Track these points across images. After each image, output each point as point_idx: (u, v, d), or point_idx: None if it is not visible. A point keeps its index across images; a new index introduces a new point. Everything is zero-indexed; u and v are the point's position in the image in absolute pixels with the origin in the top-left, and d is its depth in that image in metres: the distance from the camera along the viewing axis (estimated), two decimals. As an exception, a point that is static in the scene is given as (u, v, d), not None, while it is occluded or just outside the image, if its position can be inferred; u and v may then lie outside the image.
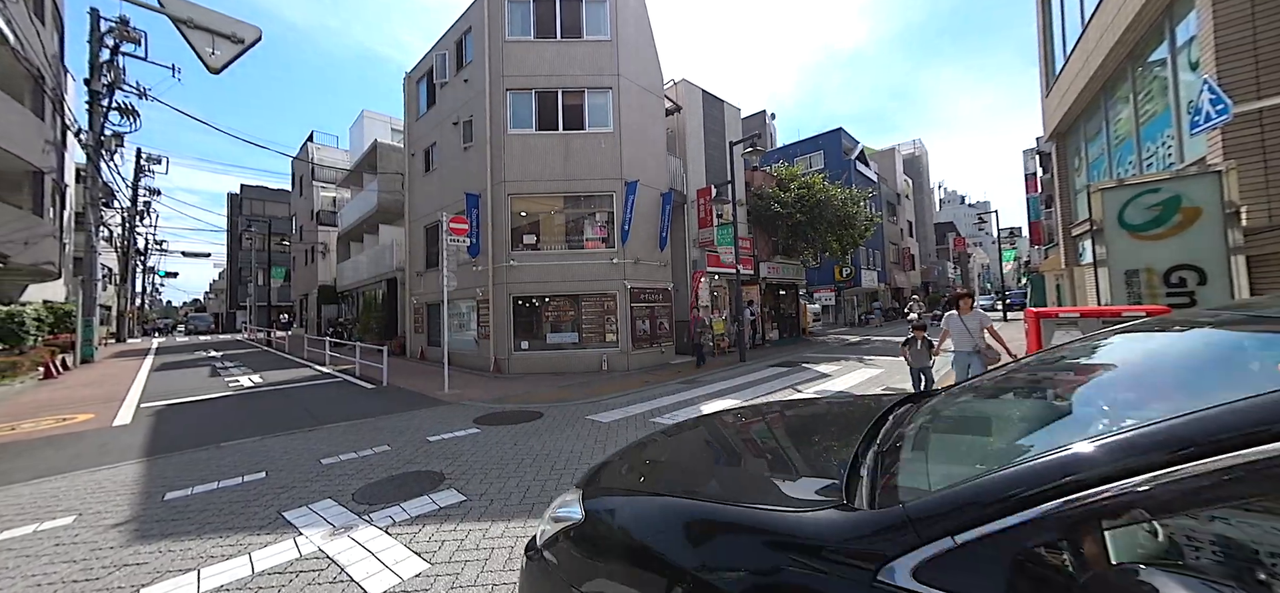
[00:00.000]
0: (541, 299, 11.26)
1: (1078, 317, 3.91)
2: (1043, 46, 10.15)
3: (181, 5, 5.80)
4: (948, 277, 50.68)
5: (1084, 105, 8.52)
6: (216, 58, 6.09)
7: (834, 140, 30.72)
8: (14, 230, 11.94)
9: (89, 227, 16.39)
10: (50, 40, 13.89)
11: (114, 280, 27.96)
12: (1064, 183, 10.27)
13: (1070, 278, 10.20)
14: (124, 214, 24.79)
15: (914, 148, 49.43)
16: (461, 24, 13.11)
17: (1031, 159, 32.73)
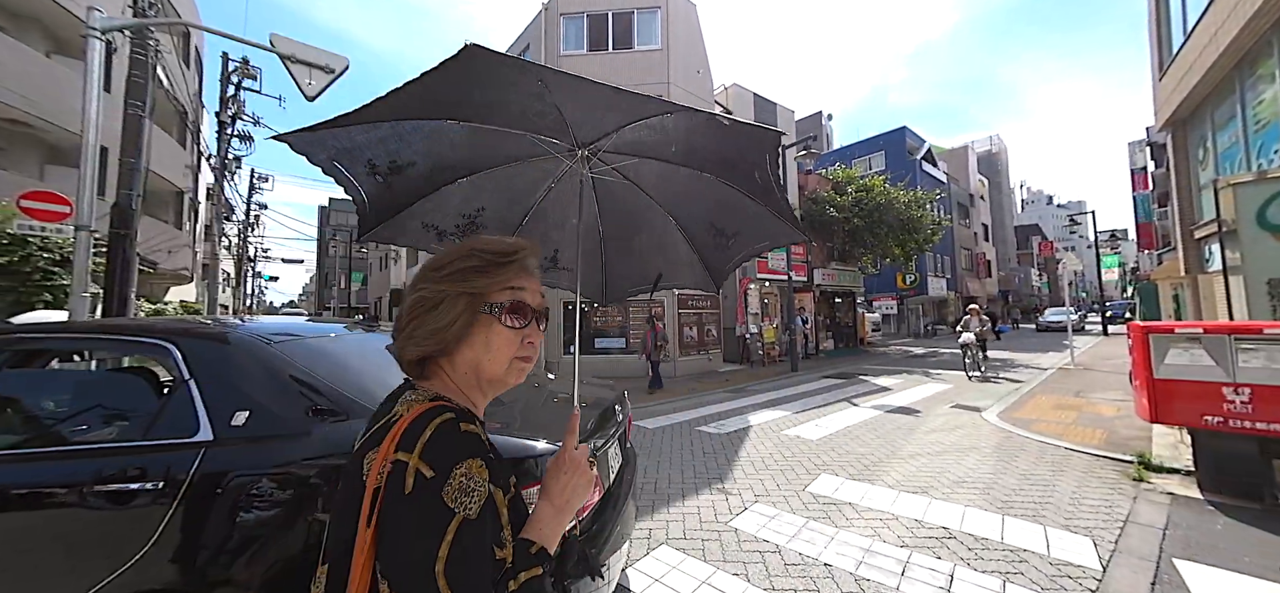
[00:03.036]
0: (590, 304, 11.53)
1: (1200, 332, 3.34)
2: (1155, 22, 8.87)
3: (286, 43, 6.65)
4: (1031, 284, 45.50)
5: (1211, 87, 7.32)
6: (312, 87, 6.90)
7: (897, 139, 28.77)
8: (161, 242, 14.21)
9: (215, 238, 19.15)
10: (192, 81, 16.45)
11: (231, 283, 32.40)
12: (1183, 178, 8.87)
13: (1192, 287, 8.76)
14: (240, 226, 28.66)
15: (991, 144, 45.10)
16: (520, 42, 13.86)
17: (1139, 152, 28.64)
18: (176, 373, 1.46)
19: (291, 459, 1.33)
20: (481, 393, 0.68)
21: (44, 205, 6.25)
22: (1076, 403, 6.70)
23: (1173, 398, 3.38)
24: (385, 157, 1.11)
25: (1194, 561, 2.53)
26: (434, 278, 0.65)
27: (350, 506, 0.55)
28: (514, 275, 0.68)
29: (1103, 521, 3.04)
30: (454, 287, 0.64)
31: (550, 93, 1.01)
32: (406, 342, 0.65)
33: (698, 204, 1.35)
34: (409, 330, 0.65)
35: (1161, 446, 4.40)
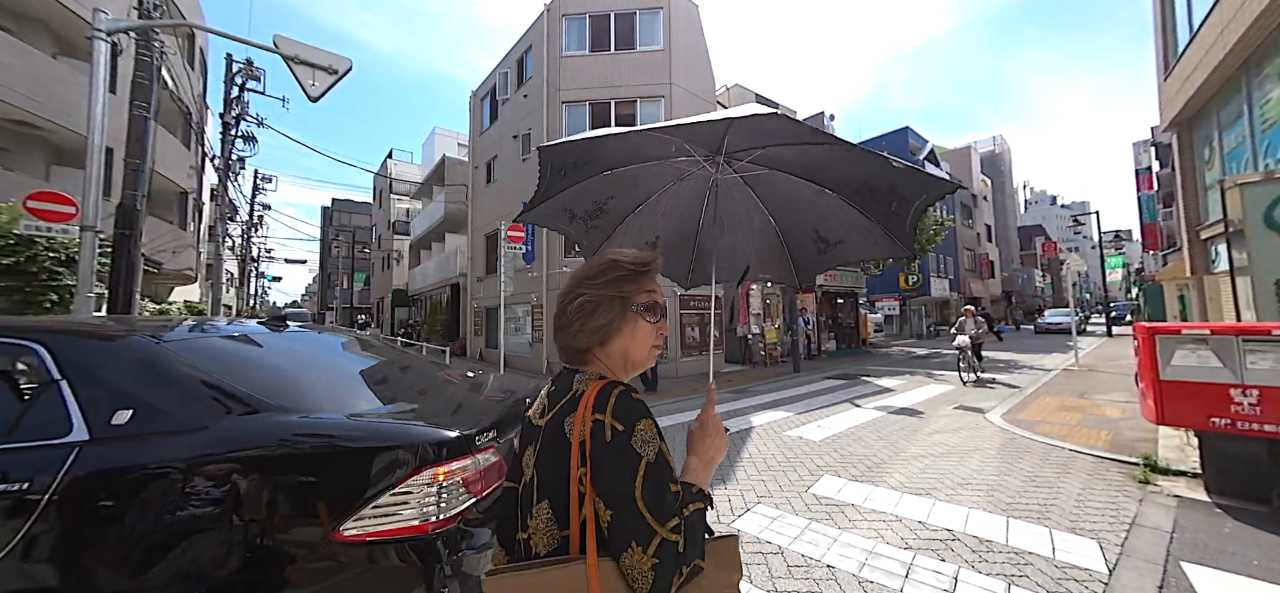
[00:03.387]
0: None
1: (1207, 334, 3.31)
2: (1160, 22, 8.83)
3: (289, 44, 6.67)
4: (1035, 285, 45.30)
5: (1217, 86, 7.28)
6: (315, 88, 6.92)
7: (899, 140, 28.69)
8: (165, 242, 14.29)
9: (219, 238, 19.24)
10: (196, 82, 16.55)
11: (234, 284, 32.54)
12: (1188, 178, 8.82)
13: (1198, 288, 8.70)
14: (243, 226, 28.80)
15: (994, 145, 44.94)
16: (523, 43, 13.88)
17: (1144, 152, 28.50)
18: (44, 374, 1.45)
19: (184, 455, 1.34)
20: (627, 373, 0.86)
21: (49, 206, 6.29)
22: (1081, 404, 6.67)
23: (1179, 400, 3.36)
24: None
25: (1202, 564, 2.50)
26: (591, 286, 0.82)
27: (559, 455, 0.74)
28: (650, 281, 0.87)
29: (1109, 523, 3.02)
30: (609, 292, 0.82)
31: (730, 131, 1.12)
32: (574, 336, 0.83)
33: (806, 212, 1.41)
34: (577, 328, 0.82)
35: (1167, 448, 4.37)
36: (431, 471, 1.47)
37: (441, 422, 1.67)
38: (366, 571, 1.39)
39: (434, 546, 1.45)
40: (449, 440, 1.55)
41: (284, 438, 1.44)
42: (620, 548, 0.67)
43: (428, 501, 1.46)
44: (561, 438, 0.74)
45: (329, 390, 1.80)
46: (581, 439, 0.72)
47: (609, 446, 0.70)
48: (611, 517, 0.68)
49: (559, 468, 0.73)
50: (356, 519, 1.37)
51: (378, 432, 1.55)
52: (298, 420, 1.49)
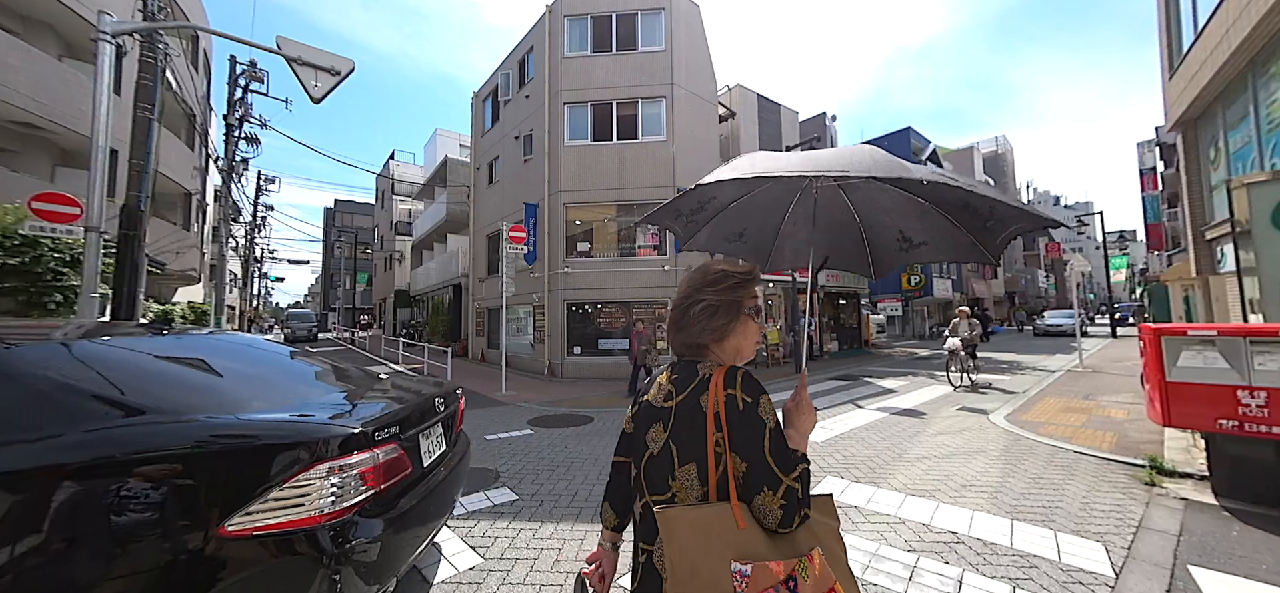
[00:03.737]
0: (594, 306, 11.52)
1: (1214, 335, 3.28)
2: (1165, 21, 8.78)
3: (292, 45, 6.69)
4: (1038, 286, 45.11)
5: (1223, 86, 7.22)
6: (317, 89, 6.94)
7: (902, 140, 28.62)
8: (169, 243, 14.35)
9: (222, 239, 19.33)
10: (200, 84, 16.64)
11: (237, 284, 32.67)
12: (1194, 178, 8.76)
13: (1204, 289, 8.64)
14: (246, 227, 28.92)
15: (996, 145, 44.78)
16: (524, 44, 13.90)
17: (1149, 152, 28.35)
18: None
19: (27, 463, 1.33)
20: (737, 363, 1.00)
21: (54, 207, 6.31)
22: (1086, 406, 6.62)
23: (1186, 401, 3.33)
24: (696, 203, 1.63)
25: (1210, 568, 2.48)
26: (711, 293, 1.00)
27: (697, 426, 0.91)
28: (754, 287, 1.03)
29: (1115, 526, 2.99)
30: (726, 298, 1.00)
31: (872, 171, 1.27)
32: (697, 334, 1.00)
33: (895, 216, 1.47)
34: (699, 328, 1.00)
35: (1174, 450, 4.33)
36: (327, 465, 1.53)
37: (343, 419, 1.74)
38: (257, 563, 1.42)
39: (327, 535, 1.49)
40: (345, 436, 1.61)
41: (165, 440, 1.45)
42: (754, 492, 0.86)
43: (323, 494, 1.51)
44: (698, 413, 0.92)
45: (234, 392, 1.83)
46: (716, 411, 0.90)
47: (741, 414, 0.89)
48: (746, 468, 0.87)
49: (697, 437, 0.91)
50: (245, 514, 1.40)
51: (266, 429, 1.58)
52: (180, 423, 1.50)
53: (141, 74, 7.04)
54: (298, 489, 1.48)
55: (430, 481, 2.11)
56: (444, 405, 2.40)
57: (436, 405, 2.31)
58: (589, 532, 3.06)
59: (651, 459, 0.96)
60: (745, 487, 0.87)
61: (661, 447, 0.95)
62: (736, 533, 0.84)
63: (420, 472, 2.05)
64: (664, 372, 1.05)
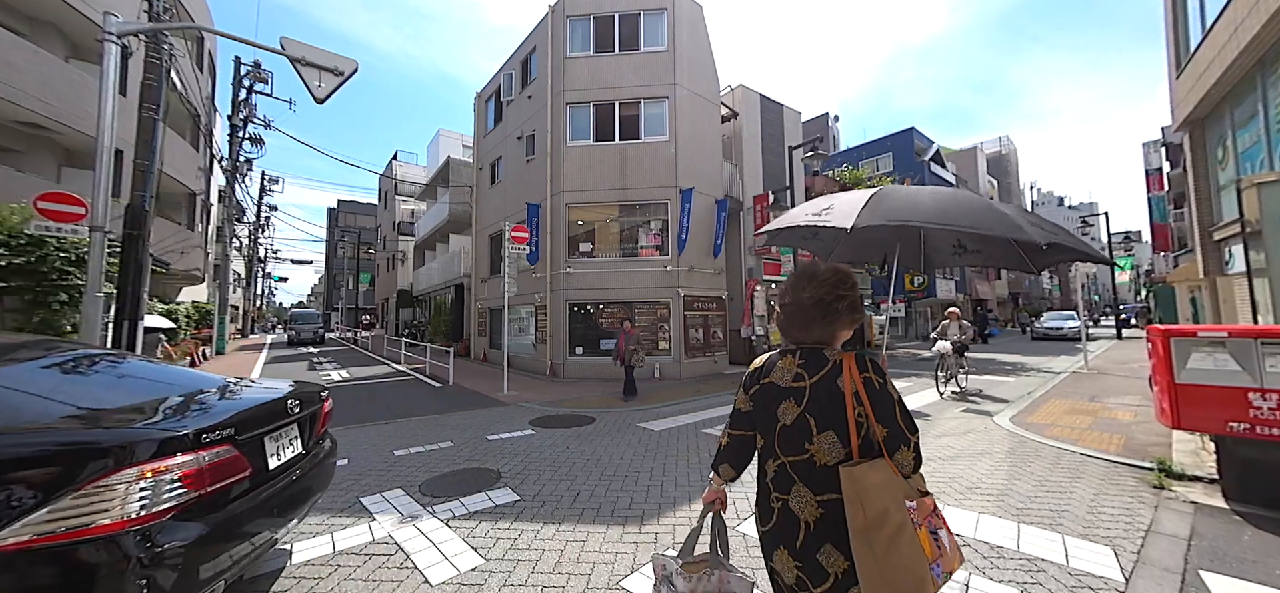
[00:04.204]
0: (596, 306, 11.50)
1: (1225, 336, 3.23)
2: (1172, 20, 8.71)
3: (296, 46, 6.71)
4: (1042, 287, 44.84)
5: (1231, 85, 7.16)
6: (321, 89, 6.95)
7: (904, 141, 28.53)
8: (174, 243, 14.41)
9: (226, 239, 19.40)
10: (205, 85, 16.71)
11: (241, 284, 32.80)
12: (1201, 178, 8.68)
13: (1211, 290, 8.56)
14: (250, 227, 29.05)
15: (1000, 146, 44.60)
16: (527, 45, 13.90)
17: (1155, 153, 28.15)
18: None
19: None
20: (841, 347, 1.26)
21: (60, 207, 6.34)
22: (1092, 408, 6.56)
23: (1196, 404, 3.28)
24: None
25: (1222, 573, 2.44)
26: (850, 290, 1.24)
27: (835, 401, 1.15)
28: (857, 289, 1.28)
29: (1123, 530, 2.95)
30: (855, 295, 1.24)
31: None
32: (832, 323, 1.23)
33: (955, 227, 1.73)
34: (830, 321, 1.23)
35: (1182, 452, 4.28)
36: (137, 468, 1.52)
37: (171, 423, 1.76)
38: (38, 573, 1.38)
39: (133, 540, 1.47)
40: (161, 440, 1.60)
41: None
42: (894, 449, 1.14)
43: (130, 498, 1.49)
44: (835, 391, 1.16)
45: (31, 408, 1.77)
46: (854, 390, 1.14)
47: (878, 392, 1.15)
48: (886, 432, 1.14)
49: (836, 410, 1.15)
50: (23, 524, 1.37)
51: (47, 438, 1.56)
52: None
53: (146, 75, 7.06)
54: (96, 496, 1.46)
55: (278, 483, 2.12)
56: (300, 407, 2.39)
57: (289, 407, 2.31)
58: (591, 533, 3.04)
59: (785, 429, 1.21)
60: (887, 445, 1.14)
61: (796, 419, 1.19)
62: (899, 481, 1.12)
63: (264, 474, 2.06)
64: (784, 357, 1.29)
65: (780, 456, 1.21)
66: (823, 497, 1.12)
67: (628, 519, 3.25)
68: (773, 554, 1.20)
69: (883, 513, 1.05)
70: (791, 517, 1.16)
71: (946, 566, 1.14)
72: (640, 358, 8.46)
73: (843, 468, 1.11)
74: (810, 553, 1.12)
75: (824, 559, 1.10)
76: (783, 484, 1.19)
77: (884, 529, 1.04)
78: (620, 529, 3.10)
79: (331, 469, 2.69)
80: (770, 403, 1.25)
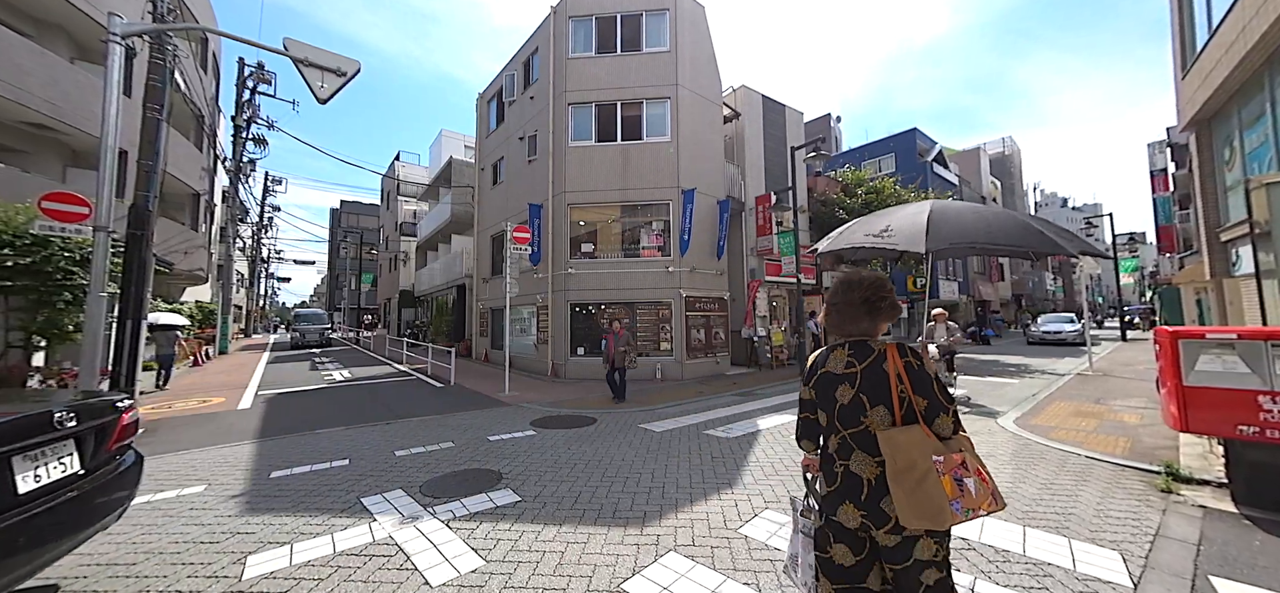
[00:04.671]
0: (598, 306, 11.48)
1: (1234, 338, 3.20)
2: (1178, 19, 8.65)
3: (299, 47, 6.72)
4: (1045, 288, 44.58)
5: (1238, 84, 7.10)
6: (324, 90, 6.96)
7: (907, 142, 28.43)
8: (178, 243, 14.47)
9: (229, 239, 19.48)
10: (209, 86, 16.78)
11: (244, 284, 32.94)
12: (1207, 179, 8.61)
13: (1218, 291, 8.49)
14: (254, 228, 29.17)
15: (1003, 146, 44.40)
16: (529, 45, 13.92)
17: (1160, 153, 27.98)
18: None
19: None
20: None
21: (64, 207, 6.36)
22: (1097, 410, 6.51)
23: (1204, 407, 3.25)
24: None
25: (1232, 579, 2.40)
26: (890, 292, 1.55)
27: (882, 382, 1.42)
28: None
29: (1131, 534, 2.91)
30: (890, 297, 1.54)
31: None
32: (872, 322, 1.53)
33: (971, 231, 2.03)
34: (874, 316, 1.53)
35: (1189, 456, 4.23)
36: None
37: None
38: None
39: None
40: None
41: None
42: (933, 417, 1.41)
43: None
44: (882, 373, 1.44)
45: None
46: (897, 372, 1.43)
47: (917, 372, 1.43)
48: (926, 404, 1.41)
49: (883, 389, 1.43)
50: None
51: None
52: None
53: (150, 75, 7.09)
54: None
55: (32, 509, 1.89)
56: (77, 420, 2.14)
57: (58, 421, 2.07)
58: (592, 535, 3.03)
59: (843, 407, 1.48)
60: (926, 415, 1.41)
61: (851, 398, 1.47)
62: (929, 441, 1.37)
63: (8, 499, 1.84)
64: (834, 352, 1.56)
65: (840, 429, 1.48)
66: (878, 458, 1.40)
67: (629, 521, 3.23)
68: (837, 510, 1.46)
69: (911, 463, 1.34)
70: (854, 478, 1.44)
71: (968, 505, 1.34)
72: (631, 359, 8.17)
73: (880, 432, 1.39)
74: (873, 503, 1.39)
75: (885, 506, 1.38)
76: (844, 452, 1.47)
77: (912, 475, 1.33)
78: (622, 531, 3.08)
79: (130, 486, 2.45)
80: (828, 388, 1.53)
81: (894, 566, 1.39)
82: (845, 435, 1.47)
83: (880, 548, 1.41)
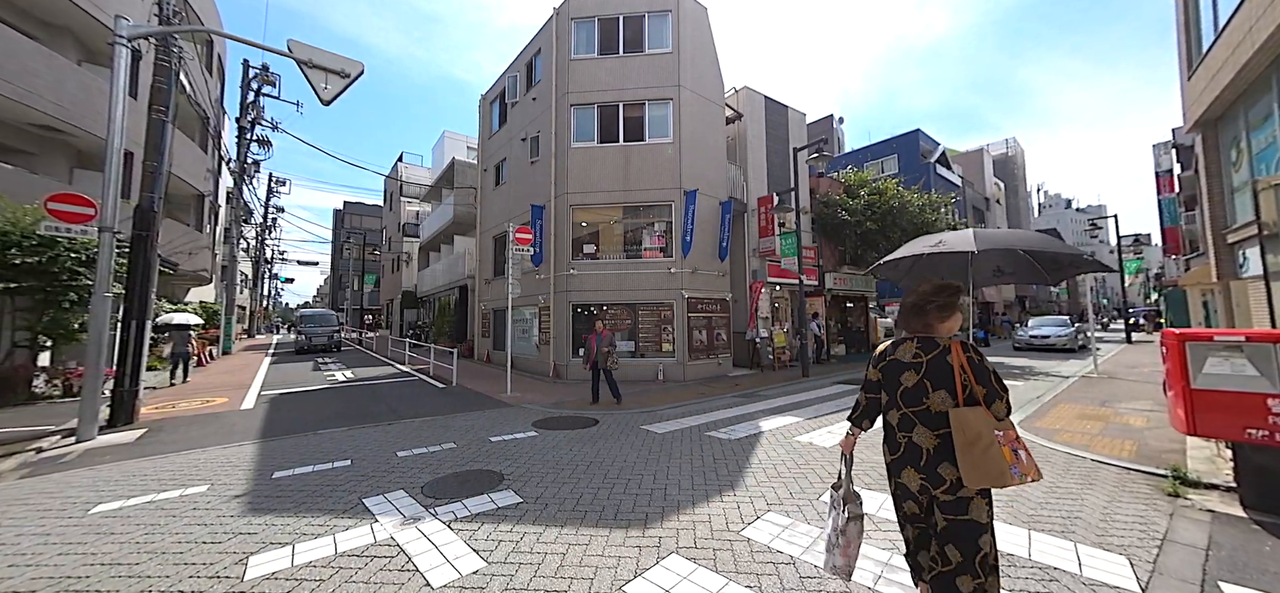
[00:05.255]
0: (600, 307, 11.48)
1: (1243, 341, 3.16)
2: (1183, 19, 8.59)
3: (304, 49, 6.76)
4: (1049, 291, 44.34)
5: (1246, 85, 7.04)
6: (327, 91, 7.00)
7: (910, 143, 28.35)
8: (182, 244, 14.56)
9: (233, 240, 19.58)
10: (214, 88, 16.89)
11: (248, 285, 33.10)
12: (1214, 180, 8.54)
13: (1224, 294, 8.41)
14: (257, 229, 29.31)
15: (1007, 147, 44.23)
16: (532, 47, 13.95)
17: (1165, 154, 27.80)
18: None
19: None
20: None
21: (69, 207, 6.40)
22: (1102, 413, 6.45)
23: (1212, 410, 3.21)
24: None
25: (1242, 585, 2.37)
26: (948, 301, 1.83)
27: (945, 371, 1.75)
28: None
29: (1138, 538, 2.88)
30: (955, 300, 1.83)
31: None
32: (940, 320, 1.83)
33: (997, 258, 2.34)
34: (942, 316, 1.83)
35: (1197, 459, 4.19)
36: None
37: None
38: None
39: None
40: None
41: None
42: (991, 401, 1.71)
43: None
44: (946, 365, 1.75)
45: None
46: (960, 365, 1.73)
47: (977, 364, 1.73)
48: (984, 391, 1.70)
49: (946, 377, 1.74)
50: None
51: None
52: None
53: (156, 77, 7.13)
54: None
55: None
56: None
57: None
58: (594, 536, 3.02)
59: (906, 390, 1.81)
60: (986, 399, 1.72)
61: (915, 383, 1.79)
62: (990, 419, 1.69)
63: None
64: (902, 343, 1.89)
65: (902, 407, 1.82)
66: (938, 432, 1.74)
67: (630, 523, 3.22)
68: (900, 473, 1.84)
69: (977, 435, 1.65)
70: (915, 447, 1.78)
71: (1022, 471, 1.67)
72: (615, 360, 7.82)
73: (952, 411, 1.71)
74: (933, 468, 1.74)
75: (942, 471, 1.72)
76: (906, 426, 1.81)
77: (978, 445, 1.65)
78: (624, 533, 3.07)
79: None
80: (894, 373, 1.86)
81: (949, 517, 1.75)
82: (906, 412, 1.80)
83: (938, 502, 1.76)
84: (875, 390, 1.95)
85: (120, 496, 3.84)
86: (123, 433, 5.96)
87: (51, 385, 8.45)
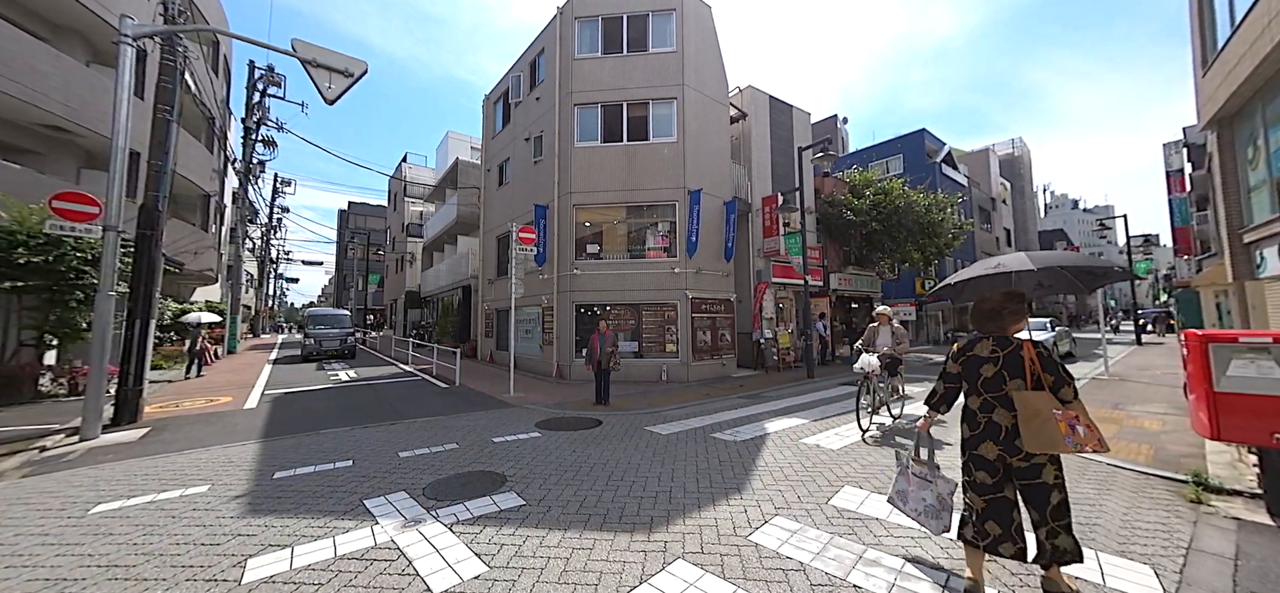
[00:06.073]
0: (603, 307, 11.42)
1: (1270, 342, 3.05)
2: (1197, 16, 8.44)
3: (307, 48, 6.75)
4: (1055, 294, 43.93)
5: (1263, 81, 6.89)
6: (331, 90, 6.98)
7: (915, 142, 28.13)
8: (188, 243, 14.62)
9: (239, 240, 19.68)
10: (220, 88, 16.97)
11: (253, 284, 33.29)
12: (1229, 178, 8.37)
13: (1240, 294, 8.25)
14: (263, 229, 29.48)
15: (1013, 148, 43.88)
16: (535, 47, 13.93)
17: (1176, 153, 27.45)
18: None
19: None
20: None
21: (74, 206, 6.41)
22: (1116, 416, 6.32)
23: (1237, 413, 3.11)
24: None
25: (1274, 596, 2.27)
26: (1018, 307, 2.33)
27: (1018, 364, 2.22)
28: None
29: (1162, 547, 2.78)
30: (1022, 307, 2.34)
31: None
32: (1011, 321, 2.32)
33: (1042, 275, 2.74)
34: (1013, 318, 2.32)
35: (1217, 464, 4.08)
36: None
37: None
38: None
39: None
40: None
41: None
42: (1059, 387, 2.18)
43: None
44: (1020, 359, 2.21)
45: None
46: (1031, 359, 2.20)
47: (1046, 357, 2.22)
48: (1052, 380, 2.18)
49: (1020, 368, 2.19)
50: None
51: None
52: None
53: (161, 76, 7.14)
54: None
55: None
56: None
57: None
58: (598, 540, 2.95)
59: (986, 379, 2.25)
60: (1055, 387, 2.16)
61: (994, 374, 2.23)
62: (1051, 400, 2.10)
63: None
64: (980, 342, 2.33)
65: (982, 394, 2.27)
66: (1013, 412, 2.15)
67: (635, 526, 3.15)
68: (978, 446, 2.26)
69: (1036, 411, 2.07)
70: (995, 425, 2.21)
71: (1078, 441, 2.03)
72: (617, 361, 7.88)
73: (1016, 394, 2.15)
74: (1009, 441, 2.16)
75: (1017, 444, 2.13)
76: (986, 409, 2.25)
77: (1037, 419, 2.06)
78: (628, 537, 3.00)
79: None
80: (974, 365, 2.32)
81: (1023, 481, 2.18)
82: (986, 398, 2.25)
83: (1013, 470, 2.20)
84: (955, 381, 2.40)
85: (121, 495, 3.82)
86: (126, 432, 5.96)
87: (57, 384, 8.48)
